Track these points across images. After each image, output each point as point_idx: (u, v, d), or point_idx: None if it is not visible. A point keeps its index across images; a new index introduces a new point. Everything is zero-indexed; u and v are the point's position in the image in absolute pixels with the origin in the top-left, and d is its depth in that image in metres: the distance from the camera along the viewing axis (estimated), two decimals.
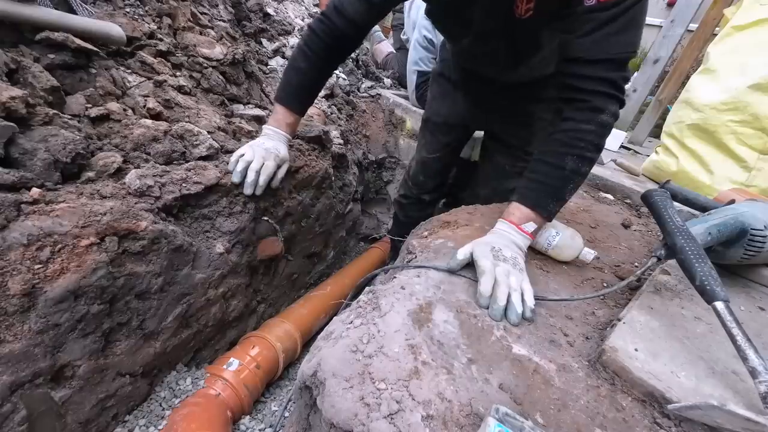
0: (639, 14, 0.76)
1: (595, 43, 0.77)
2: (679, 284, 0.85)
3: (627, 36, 0.77)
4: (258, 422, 1.09)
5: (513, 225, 0.83)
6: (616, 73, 0.79)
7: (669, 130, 1.76)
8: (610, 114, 0.81)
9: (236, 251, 1.12)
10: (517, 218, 0.84)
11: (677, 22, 2.42)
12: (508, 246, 0.80)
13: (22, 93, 0.75)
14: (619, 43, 0.77)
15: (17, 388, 0.67)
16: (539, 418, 0.53)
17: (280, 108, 1.11)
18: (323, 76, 1.14)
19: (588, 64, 0.80)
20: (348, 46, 1.09)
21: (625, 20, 0.75)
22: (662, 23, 2.50)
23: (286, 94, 1.11)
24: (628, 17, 0.74)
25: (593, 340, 0.69)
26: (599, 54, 0.78)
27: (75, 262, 0.72)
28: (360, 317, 0.65)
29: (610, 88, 0.80)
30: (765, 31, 1.49)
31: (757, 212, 0.85)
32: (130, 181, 0.86)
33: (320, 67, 1.09)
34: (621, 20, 0.74)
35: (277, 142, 1.10)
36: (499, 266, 0.73)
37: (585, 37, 0.78)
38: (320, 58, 1.05)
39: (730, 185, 1.47)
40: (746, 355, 0.56)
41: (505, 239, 0.81)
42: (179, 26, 1.39)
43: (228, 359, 1.08)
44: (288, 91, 1.11)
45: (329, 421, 0.50)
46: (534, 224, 0.83)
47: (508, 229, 0.84)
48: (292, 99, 1.11)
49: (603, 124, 0.81)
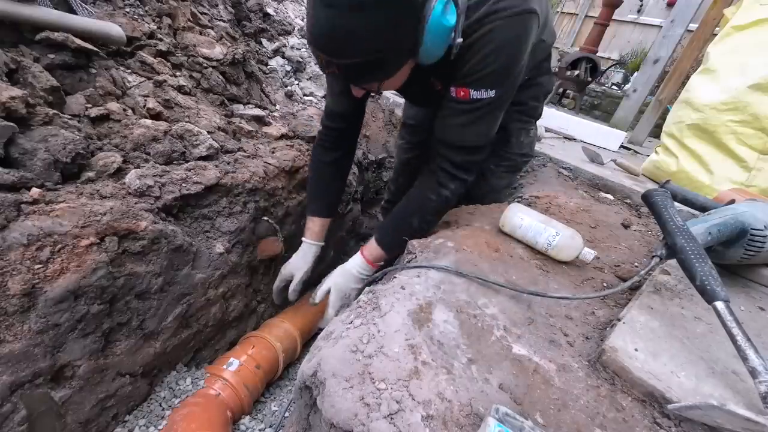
0: (492, 111, 0.88)
1: (449, 127, 0.90)
2: (679, 284, 0.84)
3: (478, 127, 0.89)
4: (258, 422, 1.09)
5: (364, 259, 1.04)
6: (462, 157, 0.93)
7: (669, 130, 1.76)
8: (450, 191, 0.96)
9: (236, 251, 1.12)
10: (368, 252, 1.04)
11: (677, 22, 2.42)
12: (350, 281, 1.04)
13: (22, 93, 0.75)
14: (469, 133, 0.90)
15: (17, 388, 0.67)
16: (539, 418, 0.53)
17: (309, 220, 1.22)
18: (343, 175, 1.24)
19: (441, 143, 0.93)
20: (352, 133, 1.19)
21: (476, 116, 0.86)
22: (662, 23, 2.50)
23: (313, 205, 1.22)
24: (479, 114, 0.86)
25: (593, 340, 0.69)
26: (451, 138, 0.91)
27: (75, 262, 0.72)
28: (360, 317, 0.65)
29: (453, 169, 0.94)
30: (765, 31, 1.49)
31: (757, 212, 0.85)
32: (130, 181, 0.86)
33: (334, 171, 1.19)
34: (474, 115, 0.86)
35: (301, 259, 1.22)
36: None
37: (443, 120, 0.91)
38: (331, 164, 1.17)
39: (730, 185, 1.47)
40: (746, 355, 0.56)
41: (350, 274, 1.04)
42: (179, 26, 1.39)
43: (228, 359, 1.08)
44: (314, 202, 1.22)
45: (329, 421, 0.50)
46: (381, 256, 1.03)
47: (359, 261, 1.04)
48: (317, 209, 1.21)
49: (444, 199, 0.97)
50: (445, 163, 0.95)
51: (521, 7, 0.78)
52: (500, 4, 0.77)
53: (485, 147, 0.94)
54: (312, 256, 1.21)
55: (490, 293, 0.76)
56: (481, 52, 0.80)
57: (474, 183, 1.37)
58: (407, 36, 0.72)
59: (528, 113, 1.21)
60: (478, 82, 0.83)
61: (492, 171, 1.30)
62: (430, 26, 0.70)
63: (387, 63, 0.75)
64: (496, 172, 1.31)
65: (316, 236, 1.20)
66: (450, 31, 0.73)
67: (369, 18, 0.65)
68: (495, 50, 0.79)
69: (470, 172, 0.98)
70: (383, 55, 0.71)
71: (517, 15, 0.78)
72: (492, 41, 0.79)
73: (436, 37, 0.72)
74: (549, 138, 2.20)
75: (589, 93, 4.48)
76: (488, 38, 0.78)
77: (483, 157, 0.97)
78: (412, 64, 0.81)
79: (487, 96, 0.83)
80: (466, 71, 0.82)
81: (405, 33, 0.71)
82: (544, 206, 1.21)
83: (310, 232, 1.20)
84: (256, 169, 1.17)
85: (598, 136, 2.36)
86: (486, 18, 0.77)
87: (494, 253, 0.89)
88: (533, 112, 1.22)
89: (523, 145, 1.25)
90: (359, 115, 1.15)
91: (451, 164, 0.94)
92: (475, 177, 1.35)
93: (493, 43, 0.79)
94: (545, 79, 1.18)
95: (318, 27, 0.69)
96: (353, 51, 0.70)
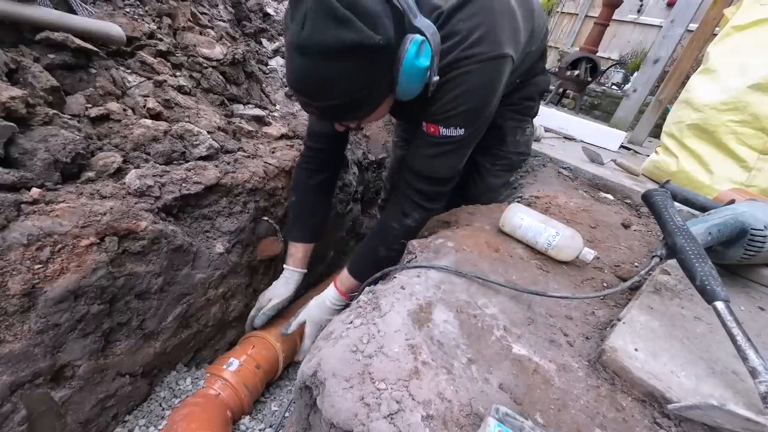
0: (461, 147, 0.90)
1: (419, 157, 0.93)
2: (679, 284, 0.84)
3: (448, 160, 0.92)
4: (258, 422, 1.09)
5: (337, 290, 1.08)
6: (430, 187, 0.95)
7: (669, 130, 1.75)
8: (414, 220, 0.98)
9: (236, 251, 1.12)
10: (341, 282, 1.08)
11: (677, 22, 2.42)
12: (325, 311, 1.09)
13: (22, 93, 0.75)
14: (438, 165, 0.92)
15: (17, 388, 0.67)
16: (539, 418, 0.53)
17: (291, 245, 1.20)
18: (327, 198, 1.23)
19: (410, 172, 0.95)
20: (336, 154, 1.18)
21: (446, 149, 0.89)
22: (662, 23, 2.51)
23: (296, 231, 1.20)
24: (449, 148, 0.88)
25: (593, 340, 0.69)
26: (420, 167, 0.93)
27: (75, 262, 0.72)
28: (360, 317, 0.65)
29: (420, 198, 0.97)
30: (765, 31, 1.49)
31: (757, 212, 0.85)
32: (130, 181, 0.86)
33: (317, 194, 1.18)
34: (443, 148, 0.88)
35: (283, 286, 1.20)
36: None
37: (415, 149, 0.94)
38: (315, 187, 1.15)
39: (730, 185, 1.47)
40: (746, 355, 0.56)
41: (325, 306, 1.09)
42: (179, 26, 1.39)
43: (228, 359, 1.08)
44: (297, 228, 1.20)
45: (329, 421, 0.50)
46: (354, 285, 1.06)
47: (332, 293, 1.09)
48: (300, 235, 1.19)
49: (406, 227, 0.99)
50: (411, 191, 0.97)
51: (493, 53, 0.78)
52: (472, 50, 0.77)
53: (453, 178, 0.97)
54: (294, 284, 1.19)
55: (490, 293, 0.76)
56: (451, 94, 0.81)
57: (470, 182, 1.38)
58: (382, 77, 0.73)
59: (522, 112, 1.21)
60: (447, 121, 0.84)
61: (488, 169, 1.30)
62: (404, 68, 0.71)
63: (364, 103, 0.76)
64: (492, 171, 1.30)
65: (298, 263, 1.19)
66: (425, 71, 0.74)
67: (341, 65, 0.66)
68: (464, 93, 0.80)
69: (436, 201, 0.99)
70: (359, 96, 0.72)
71: (489, 60, 0.78)
72: (462, 84, 0.80)
73: (411, 77, 0.73)
74: (549, 138, 2.19)
75: (589, 93, 4.48)
76: (459, 81, 0.79)
77: (451, 188, 0.99)
78: (392, 99, 0.82)
79: (457, 134, 0.85)
80: (436, 110, 0.84)
81: (380, 75, 0.72)
82: (544, 206, 1.21)
83: (293, 258, 1.18)
84: (256, 169, 1.17)
85: (598, 136, 2.35)
86: (457, 62, 0.78)
87: (494, 253, 0.89)
88: (528, 111, 1.22)
89: (519, 144, 1.25)
90: (344, 135, 1.13)
91: (417, 193, 0.96)
92: (471, 178, 1.36)
93: (464, 86, 0.80)
94: (540, 79, 1.18)
95: (294, 72, 0.71)
96: (328, 95, 0.71)
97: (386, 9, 0.67)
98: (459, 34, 0.76)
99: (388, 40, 0.67)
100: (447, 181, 0.96)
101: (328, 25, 0.62)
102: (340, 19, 0.62)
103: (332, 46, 0.63)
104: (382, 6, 0.67)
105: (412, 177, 0.96)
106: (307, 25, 0.63)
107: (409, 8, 0.70)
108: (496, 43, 0.78)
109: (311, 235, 1.19)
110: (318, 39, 0.64)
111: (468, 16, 0.76)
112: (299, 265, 1.19)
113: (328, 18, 0.62)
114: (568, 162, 1.77)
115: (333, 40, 0.63)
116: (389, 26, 0.67)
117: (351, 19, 0.62)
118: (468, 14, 0.76)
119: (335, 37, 0.63)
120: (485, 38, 0.76)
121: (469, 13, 0.76)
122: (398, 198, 1.01)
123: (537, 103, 1.25)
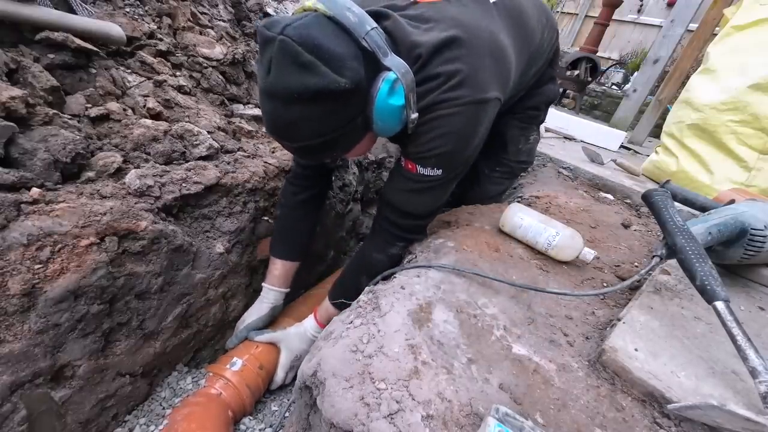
0: (440, 186, 0.86)
1: (396, 191, 0.91)
2: (679, 284, 0.85)
3: (424, 198, 0.89)
4: (258, 422, 1.09)
5: (317, 322, 1.08)
6: (407, 222, 0.93)
7: (669, 130, 1.76)
8: (399, 248, 0.98)
9: (236, 251, 1.12)
10: (320, 314, 1.08)
11: (677, 22, 2.42)
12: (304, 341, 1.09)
13: (22, 93, 0.75)
14: (415, 202, 0.90)
15: (17, 388, 0.67)
16: (539, 418, 0.53)
17: (272, 261, 1.16)
18: (313, 216, 1.19)
19: (387, 205, 0.94)
20: (325, 170, 1.15)
21: (423, 187, 0.86)
22: (662, 23, 2.51)
23: (279, 246, 1.16)
24: (426, 186, 0.86)
25: (593, 340, 0.69)
26: (396, 202, 0.91)
27: (75, 262, 0.72)
28: (360, 317, 0.65)
29: (399, 231, 0.95)
30: (765, 31, 1.49)
31: (757, 212, 0.85)
32: (130, 181, 0.86)
33: (303, 211, 1.14)
34: (420, 186, 0.86)
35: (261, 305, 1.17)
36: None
37: (391, 182, 0.92)
38: (302, 204, 1.13)
39: (730, 185, 1.47)
40: (746, 355, 0.56)
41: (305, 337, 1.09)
42: (179, 26, 1.39)
43: (231, 358, 1.08)
44: (279, 243, 1.16)
45: (329, 421, 0.50)
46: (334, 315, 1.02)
47: (312, 324, 1.09)
48: (281, 251, 1.16)
49: (390, 256, 0.97)
50: (389, 225, 0.95)
51: (475, 97, 0.75)
52: (452, 93, 0.73)
53: (432, 213, 0.95)
54: (268, 304, 1.14)
55: (490, 293, 0.76)
56: (428, 135, 0.78)
57: (467, 188, 1.38)
58: (355, 117, 0.71)
59: (526, 120, 1.18)
60: (424, 161, 0.82)
61: (486, 176, 1.29)
62: (377, 107, 0.70)
63: (339, 142, 0.75)
64: (491, 177, 1.29)
65: (275, 281, 1.14)
66: (401, 110, 0.72)
67: (308, 109, 0.65)
68: (442, 135, 0.77)
69: (417, 233, 0.98)
70: (333, 136, 0.71)
71: (470, 104, 0.75)
72: (440, 127, 0.77)
73: (386, 116, 0.72)
74: (549, 138, 2.20)
75: (589, 93, 4.48)
76: (436, 123, 0.77)
77: (429, 222, 0.99)
78: (373, 135, 0.80)
79: (435, 174, 0.82)
80: (413, 149, 0.82)
81: (353, 115, 0.71)
82: (544, 206, 1.21)
83: (270, 276, 1.14)
84: (256, 168, 1.17)
85: (598, 136, 2.36)
86: (436, 105, 0.75)
87: (494, 253, 0.89)
88: (533, 120, 1.20)
89: (520, 152, 1.23)
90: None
91: (396, 227, 0.95)
92: (470, 183, 1.35)
93: (441, 128, 0.77)
94: (547, 88, 1.14)
95: (265, 114, 0.71)
96: (299, 137, 0.70)
97: (354, 50, 0.66)
98: (439, 77, 0.73)
99: (357, 81, 0.65)
100: (424, 217, 0.95)
101: (292, 70, 0.62)
102: (304, 65, 0.61)
103: (296, 91, 0.63)
104: (350, 48, 0.65)
105: (389, 211, 0.94)
106: (273, 70, 0.63)
107: (378, 48, 0.68)
108: (478, 86, 0.75)
109: (293, 253, 1.15)
110: (283, 84, 0.63)
111: (449, 59, 0.72)
112: (276, 283, 1.14)
113: (292, 64, 0.61)
114: (568, 162, 1.77)
115: (297, 86, 0.62)
116: (358, 67, 0.66)
117: (315, 64, 0.61)
118: (449, 57, 0.72)
119: (299, 82, 0.62)
120: (466, 82, 0.73)
121: (451, 56, 0.72)
122: (378, 230, 0.98)
123: (543, 113, 1.21)
